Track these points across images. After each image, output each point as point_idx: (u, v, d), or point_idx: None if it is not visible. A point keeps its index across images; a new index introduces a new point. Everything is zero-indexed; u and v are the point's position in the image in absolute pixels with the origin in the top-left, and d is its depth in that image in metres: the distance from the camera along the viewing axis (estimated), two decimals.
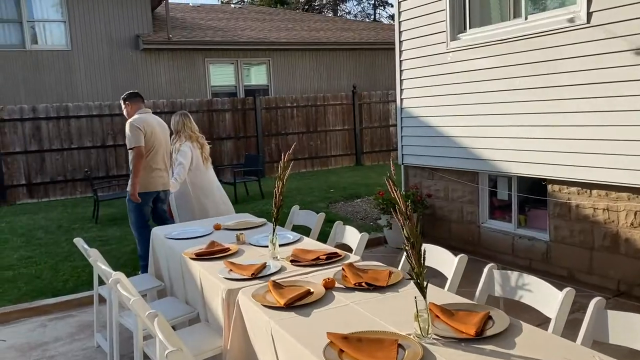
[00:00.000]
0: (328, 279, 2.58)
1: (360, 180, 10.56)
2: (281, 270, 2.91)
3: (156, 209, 5.08)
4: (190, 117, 5.42)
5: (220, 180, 9.48)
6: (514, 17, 4.99)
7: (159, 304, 3.45)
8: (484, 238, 5.58)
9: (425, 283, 1.99)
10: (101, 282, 3.88)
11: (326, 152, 12.99)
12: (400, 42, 6.17)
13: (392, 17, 36.19)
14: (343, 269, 2.74)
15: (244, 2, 31.55)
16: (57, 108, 10.35)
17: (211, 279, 2.92)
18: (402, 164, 6.46)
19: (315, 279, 2.70)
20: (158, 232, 4.02)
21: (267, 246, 3.36)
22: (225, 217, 4.48)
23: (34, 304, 4.69)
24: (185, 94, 13.05)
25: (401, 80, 6.24)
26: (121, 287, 2.76)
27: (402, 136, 6.36)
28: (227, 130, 11.87)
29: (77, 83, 12.19)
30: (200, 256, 3.26)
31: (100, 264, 3.27)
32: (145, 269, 4.81)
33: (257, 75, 14.35)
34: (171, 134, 5.36)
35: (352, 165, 13.22)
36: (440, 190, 6.04)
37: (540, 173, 4.81)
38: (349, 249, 3.42)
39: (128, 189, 4.87)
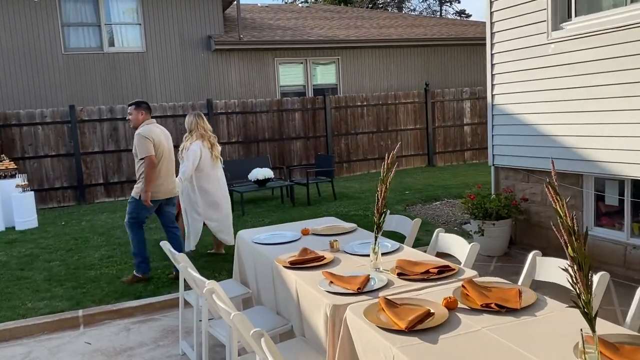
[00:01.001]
0: (450, 298, 2.26)
1: (435, 182, 10.11)
2: (388, 284, 2.62)
3: (164, 212, 5.25)
4: (204, 117, 5.69)
5: (291, 181, 9.51)
6: (631, 1, 4.46)
7: (249, 314, 3.23)
8: (589, 247, 5.03)
9: (594, 313, 1.63)
10: (186, 287, 3.75)
11: (397, 152, 12.55)
12: (492, 34, 5.72)
13: (459, 13, 35.18)
14: (463, 286, 2.41)
15: (307, 2, 31.55)
16: None
17: (311, 291, 2.66)
18: (493, 164, 6.00)
19: (431, 297, 2.39)
20: (244, 236, 3.83)
21: (365, 255, 3.10)
22: (312, 221, 4.24)
23: (118, 305, 4.64)
24: (255, 94, 13.01)
25: (492, 75, 5.79)
26: (217, 297, 2.55)
27: (492, 135, 5.90)
28: (297, 130, 11.73)
29: (151, 84, 12.41)
30: (294, 264, 3.03)
31: (190, 270, 3.11)
32: (140, 266, 5.14)
33: (325, 75, 14.12)
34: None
35: (423, 166, 12.75)
36: (537, 194, 5.55)
37: None
38: (444, 256, 3.12)
39: (133, 193, 5.07)
